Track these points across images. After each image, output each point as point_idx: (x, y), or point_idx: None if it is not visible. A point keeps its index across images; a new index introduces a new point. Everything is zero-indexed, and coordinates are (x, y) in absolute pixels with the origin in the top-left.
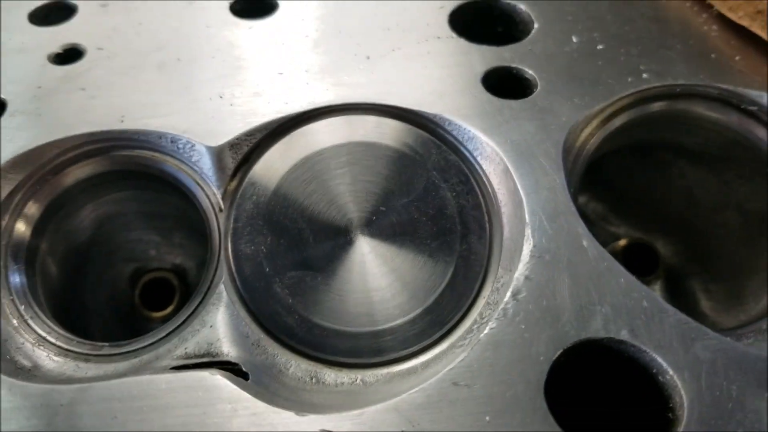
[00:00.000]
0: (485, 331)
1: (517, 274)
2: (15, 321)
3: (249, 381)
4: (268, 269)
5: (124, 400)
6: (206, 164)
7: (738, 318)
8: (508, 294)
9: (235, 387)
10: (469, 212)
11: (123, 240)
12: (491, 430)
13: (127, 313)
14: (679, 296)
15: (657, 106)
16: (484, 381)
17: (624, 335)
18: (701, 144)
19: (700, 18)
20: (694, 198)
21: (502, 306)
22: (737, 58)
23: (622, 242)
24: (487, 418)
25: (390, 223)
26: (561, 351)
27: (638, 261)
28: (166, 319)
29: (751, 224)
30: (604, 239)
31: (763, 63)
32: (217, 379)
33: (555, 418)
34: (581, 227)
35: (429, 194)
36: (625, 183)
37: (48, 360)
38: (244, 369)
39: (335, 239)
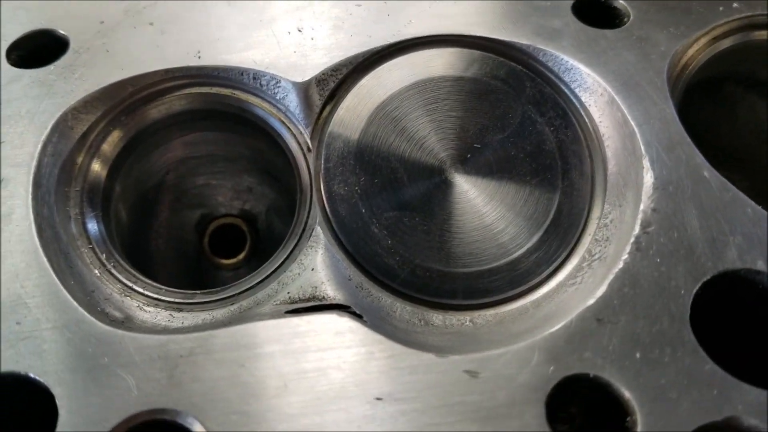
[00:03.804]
0: (620, 266)
1: (642, 207)
2: (97, 271)
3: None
4: (363, 210)
5: (250, 347)
6: (292, 102)
7: None
8: (638, 226)
9: (367, 329)
10: (568, 147)
11: (191, 185)
12: (642, 366)
13: (194, 261)
14: None
15: (755, 35)
16: (627, 316)
17: (761, 265)
18: None
19: None
20: (763, 133)
21: (632, 240)
22: None
23: None
24: (638, 354)
25: (486, 160)
26: (701, 283)
27: None
28: (236, 267)
29: None
30: None
31: None
32: (346, 321)
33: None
34: (700, 158)
35: (525, 129)
36: (689, 118)
37: (139, 311)
38: (357, 311)
39: (431, 178)
